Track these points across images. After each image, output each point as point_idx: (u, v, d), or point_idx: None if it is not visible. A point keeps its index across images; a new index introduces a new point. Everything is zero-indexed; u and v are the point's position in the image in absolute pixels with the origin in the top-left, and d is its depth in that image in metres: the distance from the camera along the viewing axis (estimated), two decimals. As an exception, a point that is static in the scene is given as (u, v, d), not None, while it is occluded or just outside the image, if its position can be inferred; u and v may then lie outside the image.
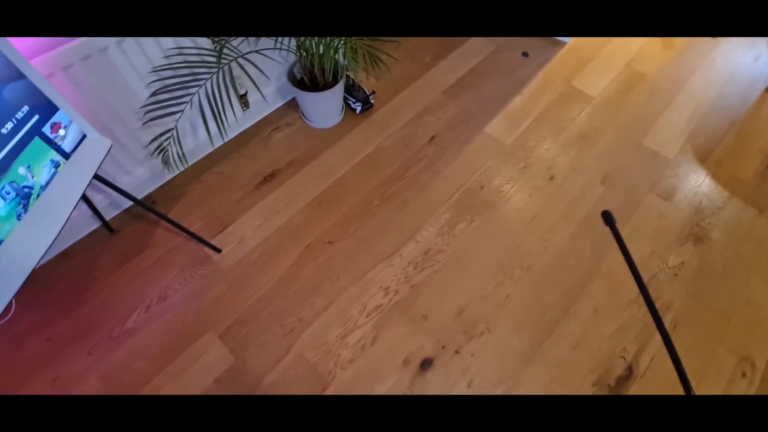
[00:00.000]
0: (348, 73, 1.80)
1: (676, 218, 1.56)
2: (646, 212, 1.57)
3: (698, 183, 1.64)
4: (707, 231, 1.53)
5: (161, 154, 1.12)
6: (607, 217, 0.70)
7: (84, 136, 1.06)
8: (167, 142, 1.10)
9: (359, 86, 1.82)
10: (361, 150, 1.74)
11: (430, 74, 2.01)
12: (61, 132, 1.00)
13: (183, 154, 1.11)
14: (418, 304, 1.38)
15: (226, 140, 1.74)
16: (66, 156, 1.02)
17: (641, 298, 1.39)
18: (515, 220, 1.55)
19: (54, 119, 0.98)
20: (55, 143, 0.99)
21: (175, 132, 1.09)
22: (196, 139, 1.57)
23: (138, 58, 1.14)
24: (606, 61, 2.05)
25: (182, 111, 1.09)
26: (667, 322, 1.34)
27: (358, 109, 1.81)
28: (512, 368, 1.26)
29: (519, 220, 1.55)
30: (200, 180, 1.66)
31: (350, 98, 1.81)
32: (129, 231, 1.53)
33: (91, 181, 1.04)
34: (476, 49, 2.11)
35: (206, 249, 1.48)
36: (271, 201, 1.60)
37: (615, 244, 1.49)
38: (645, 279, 1.42)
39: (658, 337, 1.32)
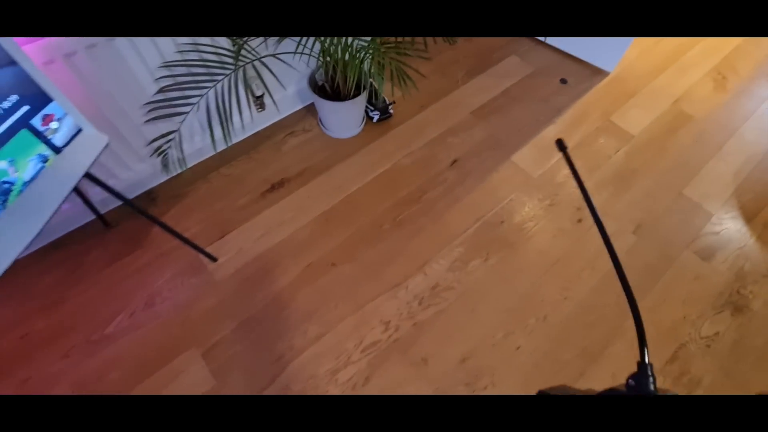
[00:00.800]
0: (371, 81, 1.70)
1: (714, 282, 1.41)
2: (681, 271, 1.43)
3: (742, 244, 1.49)
4: (748, 300, 1.38)
5: (161, 156, 1.03)
6: (560, 144, 0.65)
7: (79, 130, 0.98)
8: (168, 144, 1.02)
9: (380, 95, 1.72)
10: (378, 166, 1.64)
11: (459, 92, 1.89)
12: (53, 125, 0.92)
13: (183, 158, 1.02)
14: (418, 345, 1.26)
15: (237, 141, 1.65)
16: (57, 150, 0.94)
17: (667, 367, 1.25)
18: (535, 263, 1.42)
19: (46, 111, 0.89)
20: (45, 136, 0.91)
21: (177, 135, 1.01)
22: (205, 138, 1.49)
23: (148, 51, 1.06)
24: (650, 97, 1.90)
25: (187, 113, 1.00)
26: (694, 401, 1.19)
27: (376, 117, 1.71)
28: (515, 432, 1.13)
29: (539, 264, 1.42)
30: (206, 180, 1.57)
31: (369, 106, 1.71)
32: (125, 227, 1.46)
33: (81, 179, 0.96)
34: (512, 70, 1.98)
35: (201, 256, 1.39)
36: (276, 211, 1.51)
37: (644, 304, 1.36)
38: (674, 347, 1.28)
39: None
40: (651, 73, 1.98)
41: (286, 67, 1.47)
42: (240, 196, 1.54)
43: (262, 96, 1.49)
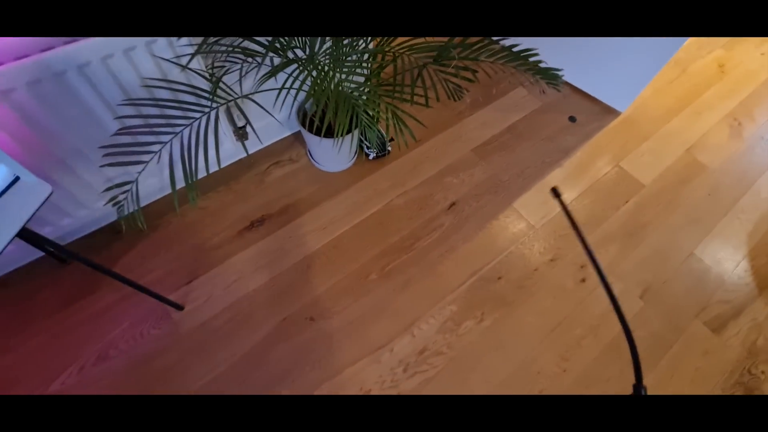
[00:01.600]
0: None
1: (724, 359, 1.30)
2: (690, 344, 1.32)
3: (755, 316, 1.38)
4: (759, 382, 1.27)
5: (116, 207, 0.90)
6: (555, 193, 0.71)
7: (16, 179, 0.84)
8: (124, 196, 0.88)
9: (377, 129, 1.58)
10: (369, 206, 1.51)
11: (461, 125, 1.76)
12: (-20, 176, 0.77)
13: (140, 215, 0.89)
14: (401, 421, 1.14)
15: (215, 170, 1.51)
16: (-16, 205, 0.80)
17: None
18: (533, 327, 1.31)
19: (-30, 161, 0.75)
20: (-31, 190, 0.76)
21: (134, 186, 0.87)
22: (178, 170, 1.35)
23: (106, 85, 0.92)
24: (663, 142, 1.79)
25: (146, 162, 0.86)
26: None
27: (372, 155, 1.58)
28: None
29: (537, 329, 1.30)
30: (178, 213, 1.43)
31: (365, 142, 1.58)
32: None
33: (14, 236, 0.82)
34: (518, 103, 1.86)
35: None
36: (253, 253, 1.37)
37: (649, 380, 1.24)
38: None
39: None
40: (664, 115, 1.87)
41: (273, 94, 1.33)
42: (215, 233, 1.40)
43: (244, 126, 1.35)
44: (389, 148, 1.57)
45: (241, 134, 1.36)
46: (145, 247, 1.36)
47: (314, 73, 0.95)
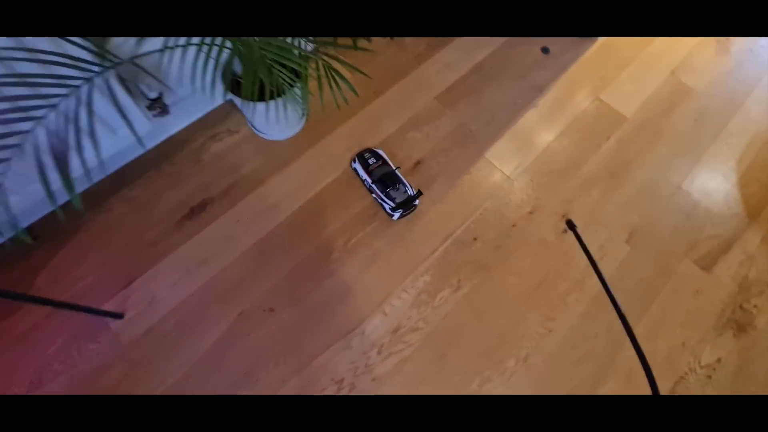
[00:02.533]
0: (377, 149, 1.30)
1: (716, 297, 1.23)
2: (680, 286, 1.24)
3: (746, 248, 1.30)
4: (752, 317, 1.21)
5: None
6: (570, 225, 0.66)
7: None
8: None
9: (398, 177, 1.26)
10: (324, 175, 1.33)
11: (421, 69, 1.55)
12: None
13: (19, 228, 0.71)
14: (379, 407, 1.05)
15: (143, 151, 1.31)
16: None
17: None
18: (514, 288, 1.20)
19: None
20: None
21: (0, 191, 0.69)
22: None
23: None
24: (645, 66, 1.61)
25: (9, 159, 0.68)
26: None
27: (397, 216, 1.25)
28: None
29: (519, 290, 1.20)
30: (103, 208, 1.24)
31: (386, 199, 1.23)
32: (1, 279, 1.14)
33: None
34: (483, 39, 1.64)
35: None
36: (196, 245, 1.21)
37: (638, 330, 1.17)
38: (671, 382, 1.12)
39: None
40: (644, 38, 1.68)
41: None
42: (150, 227, 1.23)
43: (159, 98, 1.13)
44: (416, 203, 1.25)
45: (159, 108, 1.15)
46: (69, 252, 1.18)
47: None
